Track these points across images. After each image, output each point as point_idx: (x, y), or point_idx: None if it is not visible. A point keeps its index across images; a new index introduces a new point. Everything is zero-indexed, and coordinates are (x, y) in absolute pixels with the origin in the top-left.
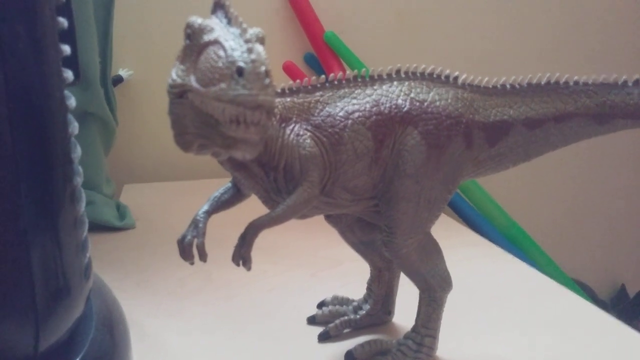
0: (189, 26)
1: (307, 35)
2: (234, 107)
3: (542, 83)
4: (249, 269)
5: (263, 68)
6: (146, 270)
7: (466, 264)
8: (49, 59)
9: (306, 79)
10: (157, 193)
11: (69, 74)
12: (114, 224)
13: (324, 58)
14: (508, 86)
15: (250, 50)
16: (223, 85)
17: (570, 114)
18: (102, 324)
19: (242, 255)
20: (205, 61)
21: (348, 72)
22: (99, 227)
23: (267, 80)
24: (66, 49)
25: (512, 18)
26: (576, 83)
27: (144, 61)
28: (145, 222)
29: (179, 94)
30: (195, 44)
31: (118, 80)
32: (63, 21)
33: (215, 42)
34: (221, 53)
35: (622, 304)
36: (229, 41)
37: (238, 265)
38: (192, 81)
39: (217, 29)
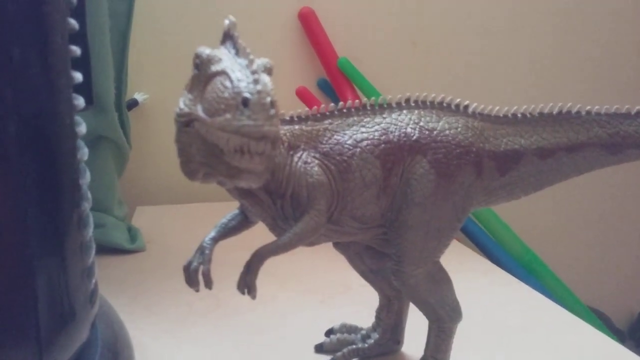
0: (197, 56)
1: (321, 61)
2: (238, 138)
3: (554, 112)
4: (254, 297)
5: (268, 99)
6: (155, 293)
7: (478, 293)
8: (60, 86)
9: (315, 107)
10: (170, 215)
11: (80, 101)
12: (124, 247)
13: (337, 84)
14: (519, 115)
15: (256, 81)
16: (228, 115)
17: (583, 144)
18: (107, 349)
19: (247, 283)
20: (212, 91)
21: (360, 99)
22: (109, 249)
23: (272, 111)
24: (78, 76)
25: (525, 47)
26: (588, 113)
27: (158, 85)
28: (156, 245)
29: (185, 122)
30: (203, 73)
31: (133, 104)
32: (76, 49)
33: (223, 72)
34: (227, 84)
35: (639, 333)
36: (236, 72)
37: (243, 293)
38: (199, 111)
39: (225, 59)
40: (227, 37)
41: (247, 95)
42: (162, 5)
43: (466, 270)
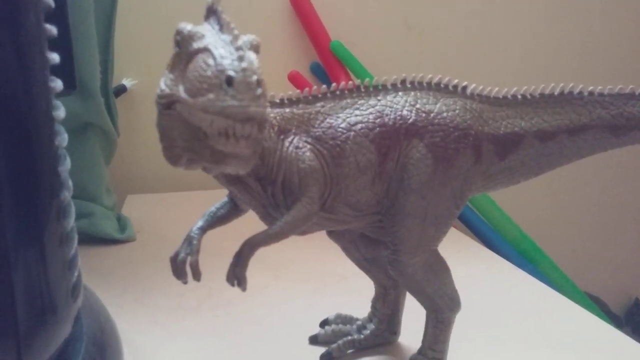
0: (178, 33)
1: (314, 45)
2: (222, 120)
3: (555, 93)
4: (244, 289)
5: (254, 77)
6: (144, 284)
7: (476, 280)
8: (34, 67)
9: (307, 89)
10: (160, 204)
11: (57, 83)
12: (114, 237)
13: (330, 68)
14: (519, 96)
15: (241, 58)
16: (211, 95)
17: (585, 125)
18: (92, 344)
19: (236, 275)
20: (194, 70)
21: (353, 81)
22: (98, 239)
23: (259, 91)
24: (55, 57)
25: (521, 29)
26: (591, 93)
27: (147, 71)
28: (146, 234)
29: (167, 104)
30: (184, 51)
31: (122, 89)
32: (51, 28)
33: (205, 49)
34: (210, 61)
35: (636, 318)
36: (219, 49)
37: (233, 285)
38: (181, 91)
39: (208, 35)
40: (211, 13)
41: (231, 73)
42: None
43: (463, 257)
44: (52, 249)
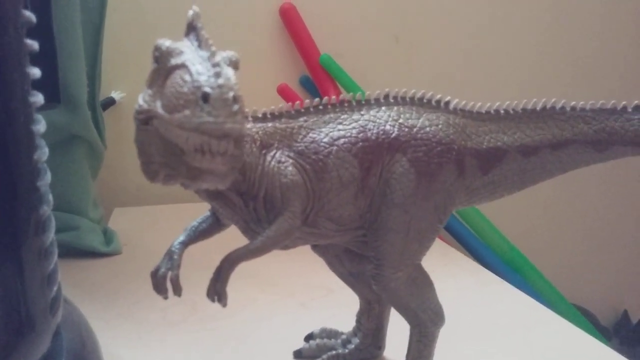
0: (157, 49)
1: (303, 58)
2: (198, 136)
3: (538, 108)
4: (224, 305)
5: (231, 94)
6: (129, 298)
7: (463, 293)
8: (13, 82)
9: (290, 103)
10: (147, 217)
11: (38, 98)
12: (99, 250)
13: (319, 81)
14: (502, 111)
15: (217, 75)
16: (187, 112)
17: (567, 140)
18: (72, 359)
19: (217, 290)
20: (171, 86)
21: (341, 95)
22: (83, 253)
23: (235, 107)
24: (36, 72)
25: (510, 41)
26: (573, 108)
27: (136, 84)
28: (132, 247)
29: (144, 120)
30: (162, 67)
31: (110, 102)
32: (33, 43)
33: (183, 65)
34: (187, 77)
35: (624, 330)
36: (196, 65)
37: (213, 301)
38: (158, 107)
39: (186, 52)
40: (191, 29)
41: (207, 89)
42: (140, 1)
43: (450, 270)
44: (30, 264)
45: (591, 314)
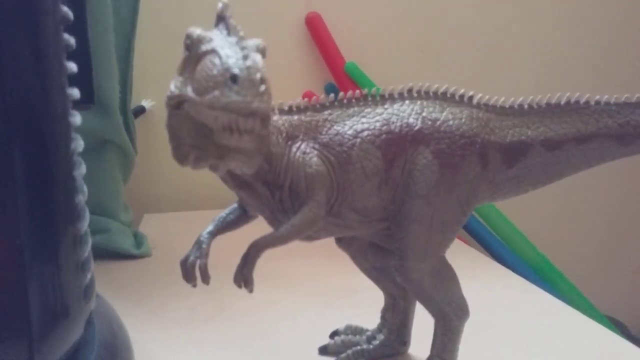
0: (188, 37)
1: (328, 66)
2: (226, 114)
3: (562, 103)
4: (250, 290)
5: (258, 75)
6: (158, 298)
7: (488, 294)
8: (52, 73)
9: (315, 97)
10: (177, 222)
11: (74, 91)
12: (130, 252)
13: (344, 88)
14: (526, 106)
15: (245, 57)
16: (217, 92)
17: (592, 134)
18: (104, 348)
19: (243, 276)
20: (201, 70)
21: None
22: (115, 254)
23: (262, 88)
24: (72, 66)
25: (536, 51)
26: (597, 103)
27: (165, 92)
28: (162, 250)
29: (175, 105)
30: (193, 54)
31: (141, 110)
32: (69, 38)
33: (212, 51)
34: (217, 61)
35: None
36: (225, 49)
37: (240, 286)
38: (189, 91)
39: (216, 38)
40: (220, 19)
41: (235, 71)
42: (169, 12)
43: (479, 274)
44: (65, 251)
45: (621, 324)
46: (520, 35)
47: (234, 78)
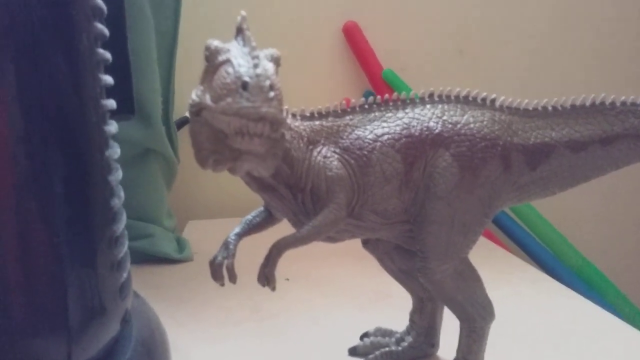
0: (207, 48)
1: (366, 74)
2: (237, 119)
3: (587, 104)
4: (273, 288)
5: (267, 82)
6: (198, 300)
7: (522, 298)
8: (86, 86)
9: (336, 103)
10: (219, 229)
11: (110, 102)
12: (172, 256)
13: (382, 96)
14: (549, 108)
15: (256, 66)
16: (229, 99)
17: (618, 135)
18: (141, 345)
19: (266, 274)
20: (217, 79)
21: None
22: (157, 259)
23: (271, 94)
24: (108, 79)
25: (577, 54)
26: (623, 103)
27: None
28: (203, 255)
29: (196, 112)
30: (211, 64)
31: (184, 121)
32: (105, 53)
33: (227, 60)
34: (230, 70)
35: None
36: (238, 59)
37: (263, 285)
38: (207, 99)
39: (232, 49)
40: (239, 32)
41: (246, 78)
42: (210, 26)
43: (515, 279)
44: (102, 250)
45: None
46: (560, 34)
47: (244, 85)
